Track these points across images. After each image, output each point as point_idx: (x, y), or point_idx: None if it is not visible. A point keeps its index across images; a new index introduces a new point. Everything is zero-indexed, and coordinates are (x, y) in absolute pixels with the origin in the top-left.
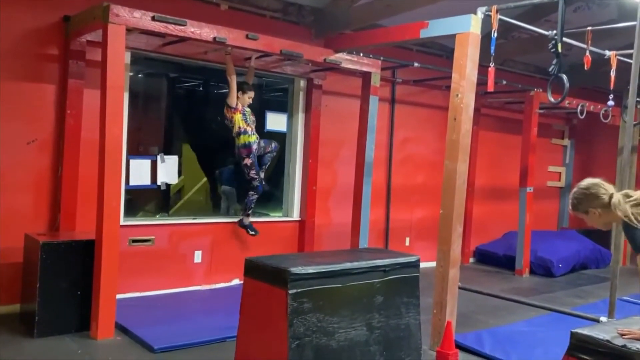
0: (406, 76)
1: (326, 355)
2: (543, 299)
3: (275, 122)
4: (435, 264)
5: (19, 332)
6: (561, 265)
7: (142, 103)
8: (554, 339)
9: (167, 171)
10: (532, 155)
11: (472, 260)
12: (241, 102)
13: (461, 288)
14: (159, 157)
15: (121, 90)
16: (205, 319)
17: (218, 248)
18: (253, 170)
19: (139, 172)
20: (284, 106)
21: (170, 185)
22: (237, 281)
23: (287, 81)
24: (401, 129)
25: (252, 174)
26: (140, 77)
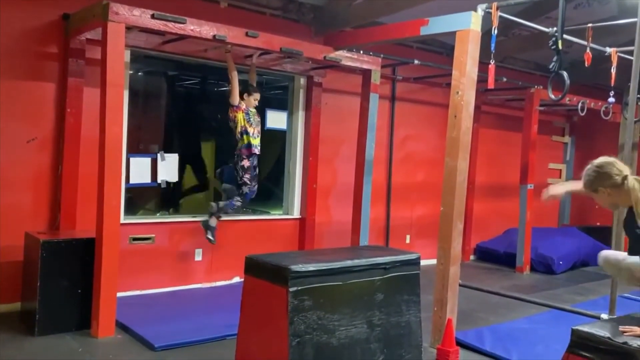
0: (406, 74)
1: (327, 352)
2: (544, 296)
3: (275, 120)
4: (435, 262)
5: (20, 331)
6: (562, 262)
7: (142, 101)
8: (555, 336)
9: (168, 169)
10: (533, 152)
11: (473, 257)
12: (248, 104)
13: (462, 285)
14: (159, 155)
15: (121, 88)
16: (205, 317)
17: (218, 246)
18: (248, 174)
19: (139, 170)
20: (284, 104)
21: (170, 183)
22: (238, 279)
23: (287, 79)
24: (401, 127)
25: (246, 179)
26: (140, 75)
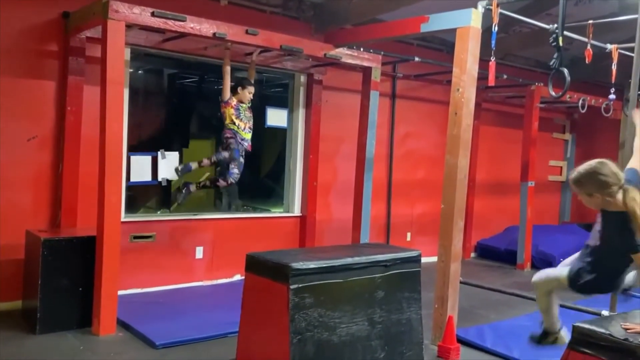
0: (407, 71)
1: (328, 350)
2: None
3: (275, 118)
4: (436, 259)
5: (21, 329)
6: (562, 259)
7: (142, 99)
8: None
9: (168, 167)
10: (533, 149)
11: (474, 255)
12: (242, 98)
13: (462, 283)
14: (160, 153)
15: (121, 86)
16: (206, 315)
17: (219, 244)
18: (235, 165)
19: (140, 169)
20: (285, 102)
21: (171, 181)
22: (239, 277)
23: (288, 77)
24: (402, 124)
25: (232, 166)
26: (140, 74)
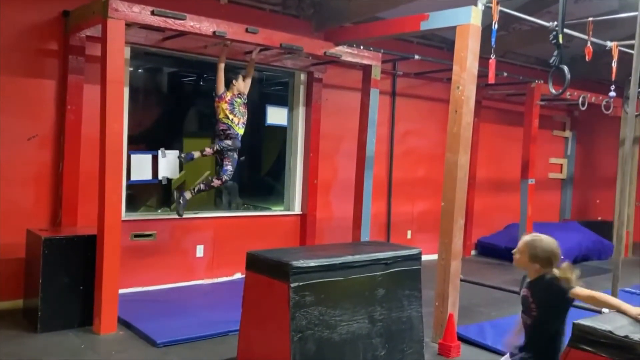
0: (407, 69)
1: (328, 348)
2: None
3: (275, 116)
4: (437, 257)
5: (22, 328)
6: (563, 256)
7: (142, 98)
8: None
9: (168, 166)
10: (534, 147)
11: (474, 252)
12: (239, 89)
13: (463, 280)
14: (160, 152)
15: (121, 85)
16: (207, 313)
17: (220, 242)
18: (228, 162)
19: (140, 167)
20: (285, 100)
21: (171, 180)
22: (239, 275)
23: (288, 75)
24: (402, 122)
25: (226, 163)
26: (140, 72)
